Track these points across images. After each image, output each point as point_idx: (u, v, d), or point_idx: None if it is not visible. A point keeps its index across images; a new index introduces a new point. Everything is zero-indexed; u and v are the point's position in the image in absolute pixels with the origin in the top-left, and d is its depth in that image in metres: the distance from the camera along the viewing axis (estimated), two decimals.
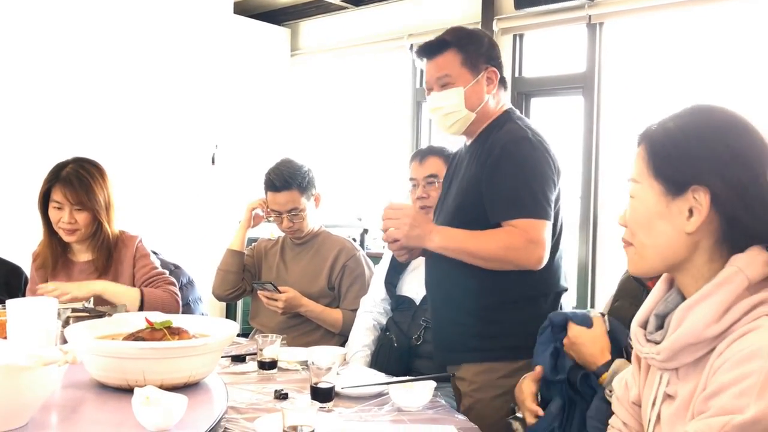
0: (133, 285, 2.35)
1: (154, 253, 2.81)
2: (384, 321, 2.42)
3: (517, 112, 2.07)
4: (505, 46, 4.59)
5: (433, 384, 1.75)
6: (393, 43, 4.98)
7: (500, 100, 2.05)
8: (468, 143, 2.08)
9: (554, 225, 1.93)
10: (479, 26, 4.61)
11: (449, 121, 2.00)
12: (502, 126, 1.98)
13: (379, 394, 1.78)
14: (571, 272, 4.27)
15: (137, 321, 1.74)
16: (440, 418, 1.64)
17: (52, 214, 2.30)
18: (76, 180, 2.28)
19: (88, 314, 1.96)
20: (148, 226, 3.33)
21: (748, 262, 1.04)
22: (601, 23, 4.18)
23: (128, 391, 1.44)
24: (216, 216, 4.17)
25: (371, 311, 2.44)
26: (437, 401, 1.76)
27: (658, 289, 1.19)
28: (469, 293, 1.93)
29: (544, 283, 1.95)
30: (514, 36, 4.57)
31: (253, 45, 5.60)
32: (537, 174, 1.88)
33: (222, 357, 1.93)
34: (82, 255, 2.39)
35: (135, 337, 1.61)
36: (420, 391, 1.71)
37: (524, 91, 4.58)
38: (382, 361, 2.27)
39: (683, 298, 1.11)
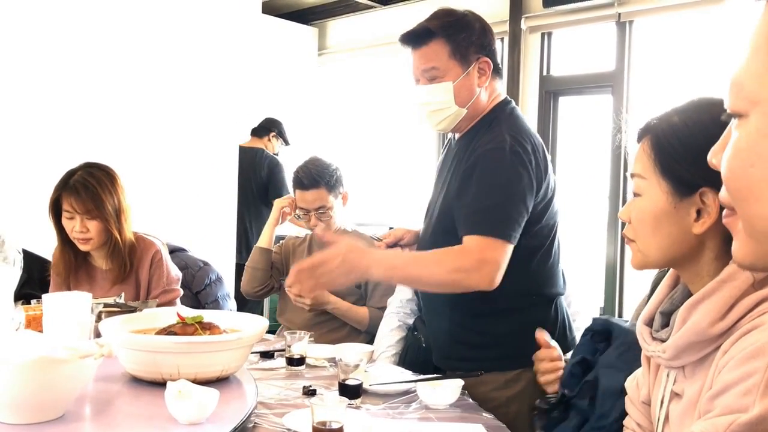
0: (147, 294, 2.37)
1: (183, 249, 2.85)
2: (410, 321, 2.41)
3: (511, 105, 1.92)
4: (533, 44, 4.57)
5: (460, 382, 1.75)
6: None
7: (494, 91, 1.91)
8: (457, 137, 1.97)
9: (546, 230, 1.86)
10: (507, 25, 4.59)
11: (437, 118, 1.88)
12: (489, 128, 1.84)
13: (407, 392, 1.79)
14: (599, 272, 4.24)
15: (168, 316, 1.77)
16: (468, 417, 1.64)
17: (65, 223, 2.29)
18: (83, 188, 2.26)
19: (119, 309, 2.00)
20: (176, 224, 3.38)
21: None
22: (631, 21, 4.15)
23: (161, 384, 1.46)
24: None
25: (397, 312, 2.44)
26: (465, 399, 1.76)
27: (663, 286, 1.18)
28: (458, 303, 1.87)
29: (535, 290, 1.89)
30: (542, 34, 4.55)
31: (281, 44, 5.64)
32: (506, 190, 1.75)
33: (251, 353, 1.95)
34: (102, 262, 2.39)
35: (167, 331, 1.64)
36: (447, 390, 1.71)
37: (552, 90, 4.56)
38: (410, 360, 2.27)
39: (689, 295, 1.09)
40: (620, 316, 4.13)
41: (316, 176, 2.58)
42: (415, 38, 1.86)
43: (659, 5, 3.97)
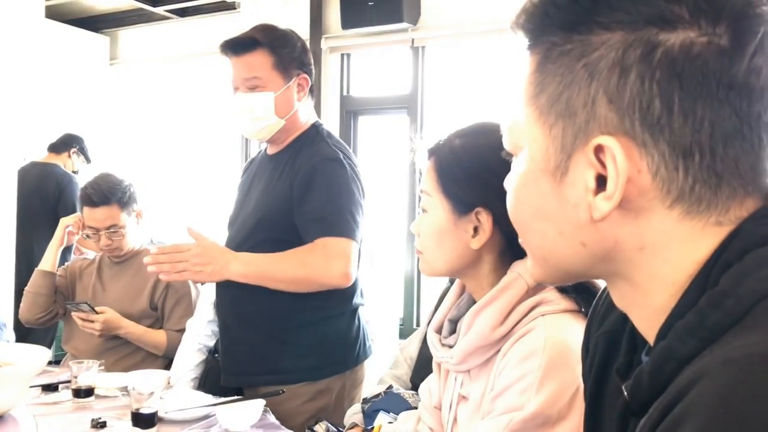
0: None
1: None
2: (212, 343, 2.34)
3: (325, 128, 2.04)
4: (332, 64, 4.67)
5: (262, 402, 1.73)
6: (216, 55, 4.90)
7: (309, 111, 2.01)
8: (270, 152, 2.02)
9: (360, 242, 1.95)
10: (308, 44, 4.65)
11: (257, 126, 1.92)
12: (311, 144, 1.93)
13: (206, 416, 1.73)
14: (399, 284, 4.41)
15: None
16: None
17: None
18: None
19: None
20: None
21: (526, 268, 1.13)
22: (424, 47, 4.38)
23: None
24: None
25: (199, 334, 2.36)
26: (267, 419, 1.74)
27: (451, 295, 1.27)
28: (264, 314, 1.90)
29: (344, 301, 1.96)
30: (342, 55, 4.67)
31: (69, 52, 5.28)
32: (345, 195, 1.87)
33: (31, 387, 1.79)
34: None
35: None
36: (248, 411, 1.68)
37: (352, 110, 4.69)
38: (210, 384, 2.20)
39: (473, 303, 1.19)
40: (418, 324, 4.32)
41: (107, 193, 2.43)
42: (239, 46, 1.90)
43: (448, 33, 4.24)
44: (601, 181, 0.58)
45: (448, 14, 4.23)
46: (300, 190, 1.86)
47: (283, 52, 1.90)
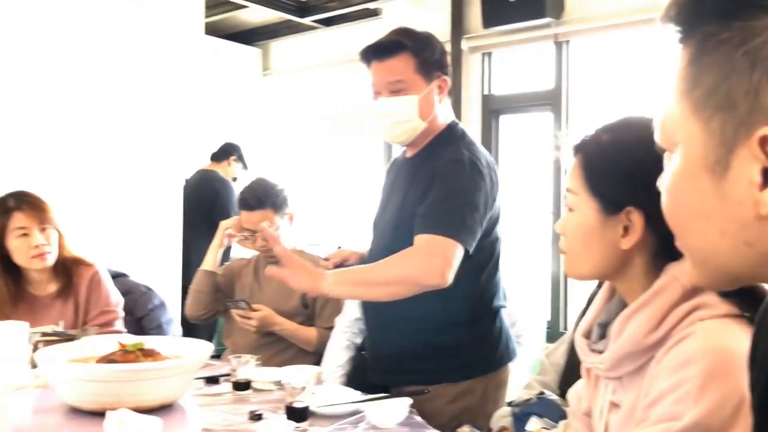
0: (85, 319, 2.31)
1: (124, 275, 2.78)
2: (359, 341, 2.41)
3: (461, 127, 2.01)
4: (473, 64, 4.65)
5: (408, 401, 1.75)
6: (361, 63, 5.03)
7: (446, 112, 1.99)
8: (408, 155, 2.02)
9: (495, 244, 1.92)
10: (448, 45, 4.67)
11: (399, 129, 1.91)
12: (443, 145, 1.91)
13: (354, 413, 1.78)
14: (545, 287, 4.31)
15: (107, 344, 1.73)
16: None
17: (19, 243, 2.23)
18: (29, 204, 2.26)
19: (57, 338, 1.94)
20: (119, 249, 3.31)
21: (682, 270, 1.05)
22: (567, 41, 4.27)
23: (101, 414, 1.42)
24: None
25: (345, 331, 2.43)
26: (413, 418, 1.76)
27: (600, 299, 1.21)
28: (404, 316, 1.90)
29: (484, 302, 1.94)
30: (483, 54, 4.64)
31: (225, 66, 5.63)
32: (459, 195, 1.81)
33: (195, 378, 1.92)
34: (43, 286, 2.33)
35: (108, 359, 1.60)
36: (395, 409, 1.71)
37: (494, 108, 4.64)
38: (359, 380, 2.26)
39: (624, 307, 1.13)
40: (565, 328, 4.20)
41: (262, 197, 2.57)
42: (382, 51, 1.90)
43: (594, 26, 4.09)
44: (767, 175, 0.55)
45: (592, 7, 4.09)
46: (421, 192, 1.85)
47: (425, 54, 1.90)
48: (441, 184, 1.82)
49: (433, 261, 1.73)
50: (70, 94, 3.46)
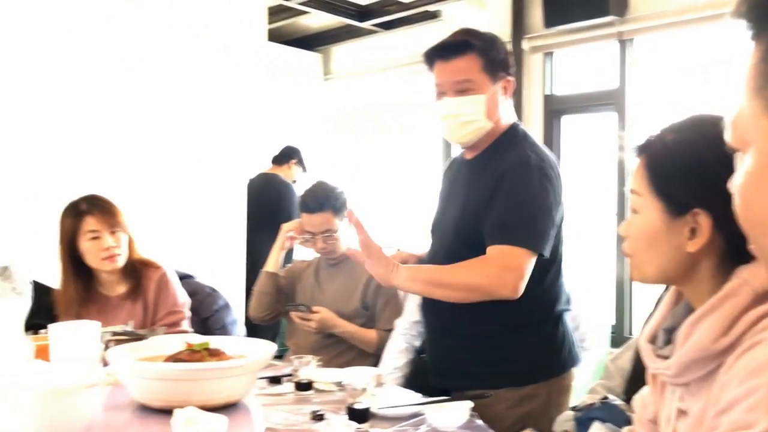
0: (154, 319, 2.38)
1: (190, 276, 2.86)
2: (417, 343, 2.41)
3: (522, 127, 1.98)
4: (534, 64, 4.60)
5: (469, 404, 1.74)
6: (421, 64, 5.03)
7: (509, 113, 1.97)
8: (468, 156, 2.00)
9: (559, 247, 1.89)
10: (509, 45, 4.62)
11: (465, 129, 1.90)
12: (507, 147, 1.89)
13: (415, 415, 1.78)
14: (609, 290, 4.22)
15: (175, 343, 1.77)
16: None
17: (90, 246, 2.31)
18: (102, 206, 2.35)
19: (127, 337, 2.00)
20: (184, 252, 3.39)
21: (753, 274, 1.01)
22: (632, 39, 4.17)
23: (169, 412, 1.46)
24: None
25: (404, 334, 2.44)
26: (474, 421, 1.75)
27: (666, 303, 1.17)
28: (466, 320, 1.89)
29: (548, 306, 1.91)
30: (544, 54, 4.58)
31: (287, 71, 5.72)
32: (531, 202, 1.80)
33: (259, 378, 1.95)
34: (115, 288, 2.41)
35: (175, 358, 1.64)
36: (456, 412, 1.70)
37: (555, 109, 4.58)
38: (418, 382, 2.26)
39: (691, 311, 1.09)
40: (631, 333, 4.10)
41: (322, 200, 2.60)
42: (448, 51, 1.90)
43: (660, 23, 3.99)
44: None
45: (658, 4, 3.99)
46: (487, 195, 1.83)
47: (491, 54, 1.89)
48: (510, 190, 1.81)
49: (507, 274, 1.74)
50: (140, 100, 3.58)
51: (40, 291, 2.53)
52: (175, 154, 3.71)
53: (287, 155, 4.85)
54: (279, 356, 2.72)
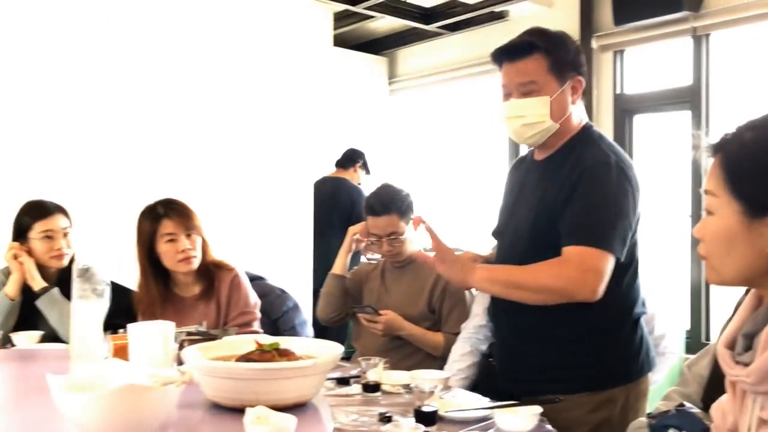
0: (226, 320, 2.43)
1: (261, 278, 2.91)
2: (484, 347, 2.39)
3: (596, 129, 1.95)
4: (605, 63, 4.50)
5: (538, 409, 1.71)
6: (487, 65, 4.99)
7: (580, 113, 1.93)
8: (539, 157, 1.97)
9: (635, 248, 1.85)
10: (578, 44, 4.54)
11: (530, 131, 1.88)
12: (583, 147, 1.86)
13: (484, 419, 1.76)
14: (684, 293, 4.09)
15: (246, 343, 1.81)
16: None
17: (167, 248, 2.38)
18: (179, 209, 2.42)
19: (201, 337, 2.06)
20: (255, 254, 3.46)
21: None
22: (707, 35, 4.03)
23: (240, 411, 1.49)
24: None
25: (470, 337, 2.42)
26: (544, 426, 1.72)
27: (745, 307, 1.13)
28: (541, 324, 1.86)
29: (625, 309, 1.87)
30: (614, 52, 4.48)
31: (353, 75, 5.77)
32: (610, 204, 1.77)
33: (327, 379, 1.97)
34: (189, 288, 2.48)
35: (246, 358, 1.68)
36: (525, 417, 1.68)
37: (627, 108, 4.47)
38: (485, 386, 2.24)
39: None
40: (707, 338, 3.96)
41: (388, 202, 2.61)
42: (514, 52, 1.88)
43: (737, 17, 3.85)
44: None
45: None
46: (565, 195, 1.80)
47: (558, 54, 1.86)
48: (589, 190, 1.78)
49: (587, 276, 1.72)
50: (214, 107, 3.68)
51: (118, 292, 2.63)
52: (246, 159, 3.80)
53: (351, 159, 4.88)
54: (347, 358, 2.74)
